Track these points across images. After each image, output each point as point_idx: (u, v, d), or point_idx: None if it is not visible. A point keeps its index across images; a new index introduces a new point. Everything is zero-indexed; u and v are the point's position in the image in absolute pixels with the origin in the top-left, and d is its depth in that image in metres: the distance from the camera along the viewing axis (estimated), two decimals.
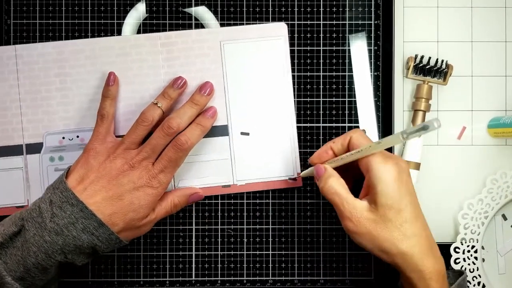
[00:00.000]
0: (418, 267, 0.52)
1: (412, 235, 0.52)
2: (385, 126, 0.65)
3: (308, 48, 0.66)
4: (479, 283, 0.64)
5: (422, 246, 0.52)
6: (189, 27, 0.65)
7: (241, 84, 0.64)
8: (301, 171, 0.65)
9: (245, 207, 0.65)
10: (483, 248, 0.66)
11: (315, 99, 0.66)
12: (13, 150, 0.64)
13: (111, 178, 0.56)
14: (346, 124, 0.65)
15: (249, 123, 0.64)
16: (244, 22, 0.65)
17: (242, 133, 0.64)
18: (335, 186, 0.55)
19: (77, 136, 0.64)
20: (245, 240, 0.65)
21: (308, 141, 0.65)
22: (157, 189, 0.57)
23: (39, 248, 0.52)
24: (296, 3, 0.65)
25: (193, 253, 0.65)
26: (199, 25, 0.65)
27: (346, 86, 0.66)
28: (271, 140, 0.65)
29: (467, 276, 0.59)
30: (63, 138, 0.64)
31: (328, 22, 0.66)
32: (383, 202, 0.52)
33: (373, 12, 0.65)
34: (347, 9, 0.66)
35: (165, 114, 0.60)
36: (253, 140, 0.64)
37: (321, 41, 0.66)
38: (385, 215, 0.52)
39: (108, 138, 0.59)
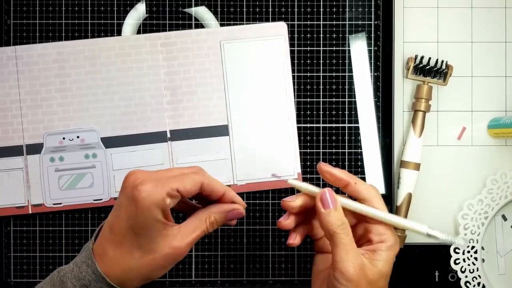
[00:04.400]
0: None
1: None
2: (385, 126, 0.65)
3: (308, 48, 0.66)
4: (479, 283, 0.64)
5: None
6: (189, 27, 0.65)
7: (241, 84, 0.64)
8: (301, 171, 0.65)
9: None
10: (483, 248, 0.66)
11: (315, 99, 0.66)
12: (13, 151, 0.64)
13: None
14: (346, 125, 0.65)
15: (249, 123, 0.64)
16: (244, 22, 0.65)
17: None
18: (347, 225, 0.48)
19: (78, 137, 0.64)
20: (245, 240, 0.65)
21: (308, 141, 0.65)
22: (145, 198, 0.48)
23: None
24: (296, 3, 0.65)
25: (193, 253, 0.65)
26: (199, 25, 0.65)
27: (346, 87, 0.66)
28: (272, 139, 0.65)
29: None
30: (63, 138, 0.64)
31: (328, 23, 0.66)
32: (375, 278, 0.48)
33: (373, 13, 0.65)
34: (347, 9, 0.66)
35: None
36: (253, 140, 0.64)
37: (321, 42, 0.66)
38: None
39: None
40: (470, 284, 0.64)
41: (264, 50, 0.64)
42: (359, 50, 0.66)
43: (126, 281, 0.49)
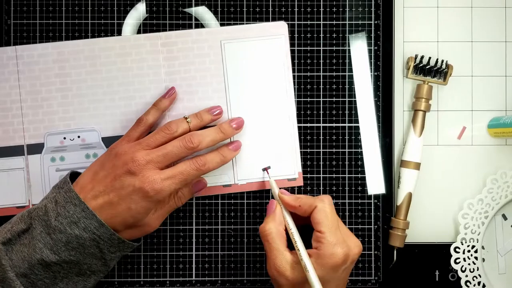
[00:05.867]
0: None
1: None
2: (385, 126, 0.65)
3: (308, 48, 0.66)
4: (479, 283, 0.64)
5: None
6: (189, 27, 0.65)
7: (242, 84, 0.64)
8: (302, 170, 0.65)
9: (245, 207, 0.65)
10: (483, 248, 0.66)
11: (315, 99, 0.66)
12: (14, 151, 0.64)
13: (116, 176, 0.56)
14: (346, 124, 0.66)
15: (249, 123, 0.64)
16: (244, 22, 0.65)
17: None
18: (274, 236, 0.56)
19: (78, 136, 0.64)
20: (245, 240, 0.65)
21: (309, 141, 0.65)
22: (156, 195, 0.56)
23: (45, 245, 0.53)
24: (296, 3, 0.65)
25: (193, 253, 0.66)
26: (199, 25, 0.65)
27: (346, 86, 0.66)
28: (272, 139, 0.65)
29: None
30: (64, 138, 0.64)
31: (328, 22, 0.66)
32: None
33: (373, 12, 0.65)
34: (347, 9, 0.66)
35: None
36: (254, 140, 0.65)
37: (321, 41, 0.66)
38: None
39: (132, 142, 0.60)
40: (470, 283, 0.64)
41: (264, 50, 0.64)
42: (359, 49, 0.66)
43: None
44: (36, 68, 0.64)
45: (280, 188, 0.61)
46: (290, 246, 0.56)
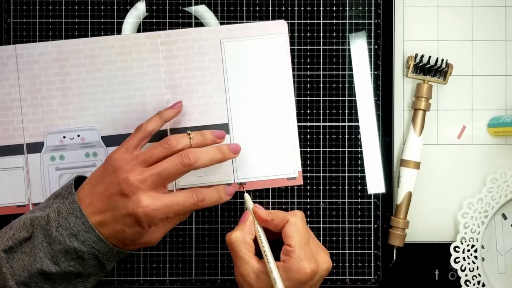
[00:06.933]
0: None
1: None
2: (385, 125, 0.65)
3: (308, 47, 0.66)
4: (479, 282, 0.64)
5: None
6: (189, 26, 0.65)
7: (242, 82, 0.64)
8: (301, 169, 0.65)
9: (245, 207, 0.65)
10: (483, 247, 0.66)
11: (315, 98, 0.66)
12: (14, 150, 0.64)
13: (111, 195, 0.54)
14: (346, 123, 0.65)
15: (249, 122, 0.64)
16: (244, 21, 0.65)
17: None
18: (239, 244, 0.55)
19: (78, 135, 0.64)
20: None
21: (308, 140, 0.65)
22: (148, 221, 0.54)
23: (45, 254, 0.53)
24: (296, 2, 0.65)
25: (193, 252, 0.66)
26: (199, 24, 0.65)
27: (346, 85, 0.66)
28: (272, 138, 0.65)
29: None
30: (64, 137, 0.64)
31: (328, 21, 0.66)
32: None
33: (373, 11, 0.65)
34: (347, 8, 0.66)
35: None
36: (254, 139, 0.65)
37: (321, 40, 0.66)
38: None
39: (133, 152, 0.57)
40: (470, 282, 0.64)
41: (264, 49, 0.64)
42: (359, 48, 0.66)
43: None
44: (36, 67, 0.64)
45: (255, 203, 0.61)
46: (260, 256, 0.55)
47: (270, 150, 0.65)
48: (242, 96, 0.64)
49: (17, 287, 0.52)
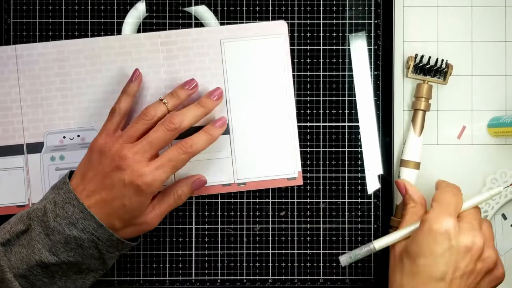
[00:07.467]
0: None
1: None
2: (385, 125, 0.65)
3: (308, 47, 0.66)
4: None
5: None
6: (189, 26, 0.65)
7: (242, 83, 0.64)
8: (301, 169, 0.65)
9: (245, 207, 0.65)
10: None
11: (315, 99, 0.66)
12: (14, 150, 0.64)
13: (105, 175, 0.55)
14: (346, 124, 0.66)
15: (249, 122, 0.64)
16: (244, 21, 0.65)
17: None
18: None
19: (78, 136, 0.64)
20: (245, 239, 0.66)
21: (308, 140, 0.65)
22: (148, 188, 0.55)
23: (44, 246, 0.53)
24: (296, 2, 0.65)
25: (193, 252, 0.66)
26: (199, 24, 0.65)
27: (346, 86, 0.66)
28: (272, 138, 0.65)
29: None
30: (64, 137, 0.64)
31: (328, 22, 0.66)
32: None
33: (373, 12, 0.65)
34: (347, 8, 0.66)
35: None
36: (254, 139, 0.65)
37: (321, 41, 0.66)
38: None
39: (114, 134, 0.58)
40: None
41: (264, 49, 0.64)
42: (359, 49, 0.66)
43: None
44: (36, 67, 0.64)
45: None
46: None
47: (270, 150, 0.65)
48: (242, 96, 0.64)
49: (15, 280, 0.52)
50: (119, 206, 0.55)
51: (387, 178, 0.65)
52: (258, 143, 0.65)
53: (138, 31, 0.65)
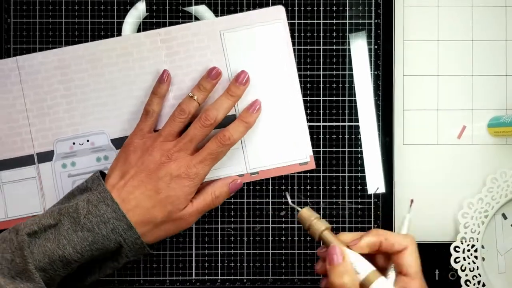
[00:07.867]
0: None
1: None
2: (385, 125, 0.65)
3: (308, 47, 0.65)
4: (479, 282, 0.64)
5: None
6: None
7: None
8: (313, 154, 0.65)
9: (245, 206, 0.65)
10: (483, 247, 0.66)
11: (315, 98, 0.66)
12: (25, 161, 0.64)
13: (150, 172, 0.57)
14: (346, 123, 0.65)
15: None
16: None
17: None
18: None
19: (87, 140, 0.64)
20: (245, 239, 0.66)
21: None
22: (193, 180, 0.58)
23: (69, 242, 0.53)
24: (296, 2, 0.65)
25: (193, 252, 0.66)
26: None
27: (346, 85, 0.66)
28: (280, 125, 0.64)
29: None
30: (73, 143, 0.64)
31: (328, 21, 0.66)
32: None
33: (373, 11, 0.65)
34: (347, 8, 0.65)
35: (201, 106, 0.61)
36: (262, 127, 0.64)
37: (321, 40, 0.66)
38: None
39: (150, 134, 0.61)
40: (470, 282, 0.64)
41: (264, 36, 0.64)
42: (359, 48, 0.66)
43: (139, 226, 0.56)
44: (39, 76, 0.64)
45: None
46: None
47: (279, 137, 0.64)
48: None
49: (36, 272, 0.52)
50: (165, 197, 0.57)
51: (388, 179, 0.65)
52: (267, 131, 0.64)
53: (138, 30, 0.65)
